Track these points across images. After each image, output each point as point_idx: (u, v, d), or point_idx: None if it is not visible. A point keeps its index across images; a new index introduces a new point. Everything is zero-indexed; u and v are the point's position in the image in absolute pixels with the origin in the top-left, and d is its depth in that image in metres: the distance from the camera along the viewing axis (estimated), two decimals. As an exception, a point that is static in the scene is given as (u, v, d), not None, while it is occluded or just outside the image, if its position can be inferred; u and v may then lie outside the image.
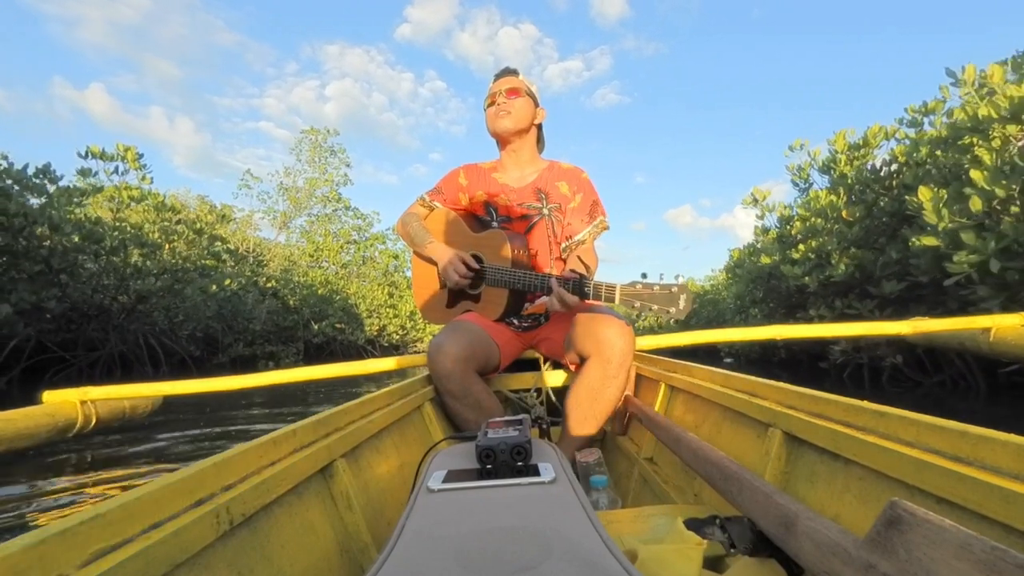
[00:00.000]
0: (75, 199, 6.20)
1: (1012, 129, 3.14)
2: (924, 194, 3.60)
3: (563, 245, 1.53)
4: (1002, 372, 3.58)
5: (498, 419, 0.74)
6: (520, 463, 0.59)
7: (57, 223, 5.69)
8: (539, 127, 1.60)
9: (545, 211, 1.52)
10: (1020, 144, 3.18)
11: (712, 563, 0.68)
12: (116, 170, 7.62)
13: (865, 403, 0.64)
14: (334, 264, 17.39)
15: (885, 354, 4.43)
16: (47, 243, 5.71)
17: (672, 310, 1.10)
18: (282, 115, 43.19)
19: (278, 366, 10.22)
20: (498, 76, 1.56)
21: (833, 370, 5.15)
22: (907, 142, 4.60)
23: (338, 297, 13.57)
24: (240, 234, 13.16)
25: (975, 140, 3.58)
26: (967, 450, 0.49)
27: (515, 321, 1.53)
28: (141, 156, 7.77)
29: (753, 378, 0.92)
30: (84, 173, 7.16)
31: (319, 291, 12.76)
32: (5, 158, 5.73)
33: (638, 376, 1.50)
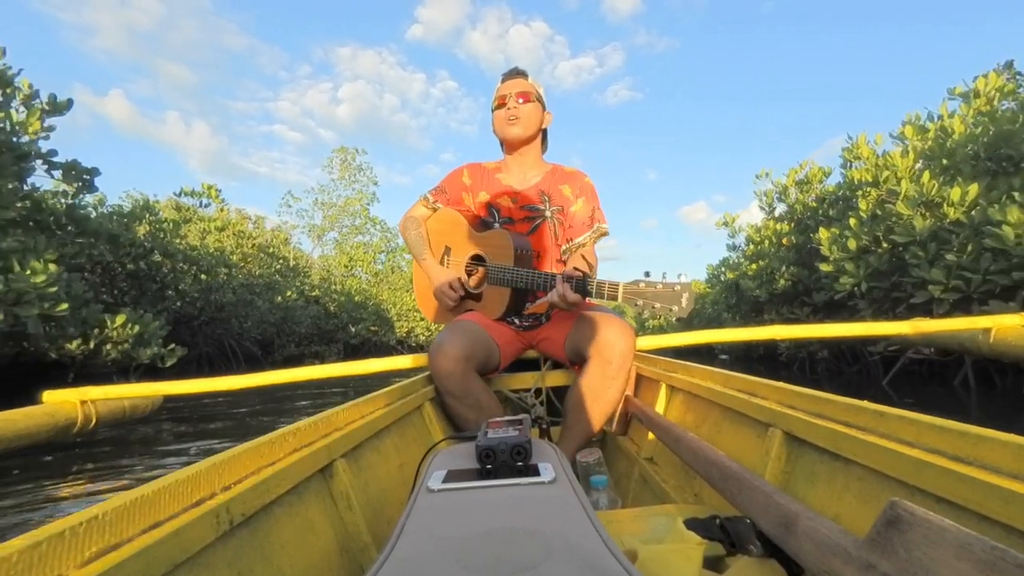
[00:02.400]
0: (179, 230, 7.91)
1: (881, 191, 4.51)
2: (823, 233, 4.99)
3: (563, 248, 1.53)
4: (900, 359, 4.82)
5: (498, 419, 0.74)
6: (520, 463, 0.59)
7: (172, 251, 7.36)
8: (544, 131, 1.59)
9: (548, 213, 1.52)
10: (883, 199, 4.41)
11: (712, 563, 0.68)
12: (201, 204, 10.08)
13: (865, 403, 0.64)
14: (367, 273, 18.80)
15: (817, 349, 5.82)
16: (163, 267, 7.41)
17: (675, 308, 1.10)
18: (296, 118, 43.44)
19: (323, 363, 11.24)
20: (507, 77, 1.53)
21: (788, 362, 6.58)
22: (839, 181, 6.05)
23: (371, 303, 15.20)
24: (279, 241, 14.27)
25: (862, 193, 4.88)
26: (967, 450, 0.49)
27: (516, 320, 1.53)
28: (220, 192, 10.44)
29: (753, 378, 0.92)
30: (180, 208, 9.34)
31: (355, 298, 14.38)
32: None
33: (638, 376, 1.50)
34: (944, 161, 4.20)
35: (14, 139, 3.72)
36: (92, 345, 4.80)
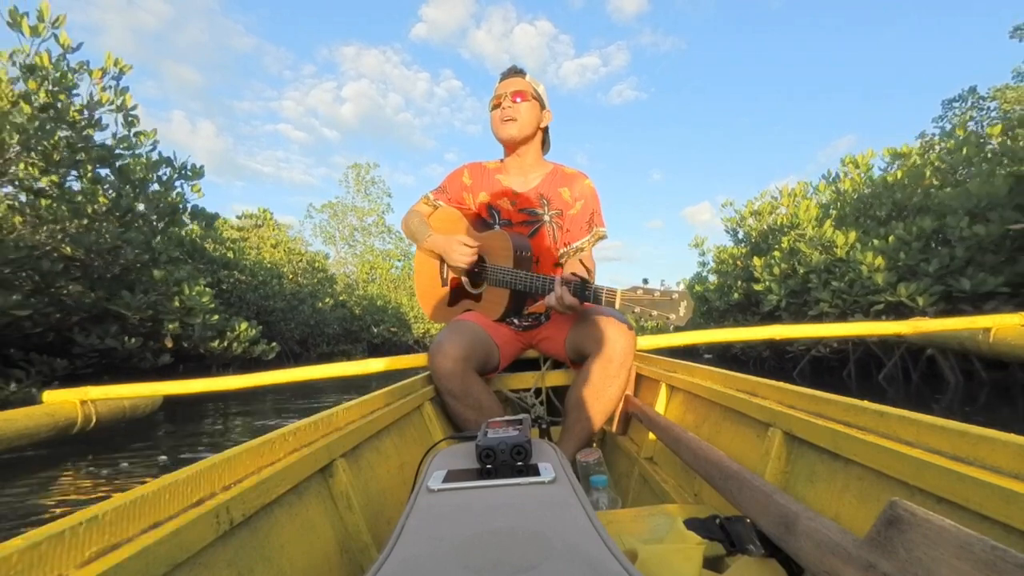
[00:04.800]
0: (243, 247, 9.70)
1: (796, 232, 6.25)
2: (756, 261, 6.73)
3: (561, 251, 1.52)
4: (818, 356, 6.20)
5: (498, 419, 0.74)
6: (520, 463, 0.59)
7: (244, 266, 9.09)
8: (545, 129, 1.57)
9: (547, 217, 1.51)
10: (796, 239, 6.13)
11: (712, 563, 0.68)
12: (256, 224, 12.60)
13: (865, 403, 0.64)
14: (385, 280, 20.47)
15: (763, 349, 7.41)
16: (230, 279, 8.89)
17: (672, 316, 1.10)
18: (300, 117, 43.21)
19: (350, 359, 13.46)
20: (504, 76, 1.52)
21: (745, 360, 8.09)
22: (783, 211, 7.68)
23: (391, 306, 16.96)
24: (320, 256, 15.90)
25: (784, 232, 6.70)
26: (967, 450, 0.49)
27: (515, 320, 1.53)
28: (273, 215, 12.99)
29: (753, 378, 0.92)
30: (240, 229, 11.25)
31: (377, 302, 16.16)
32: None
33: (638, 376, 1.50)
34: (837, 211, 6.22)
35: (182, 203, 5.61)
36: (226, 344, 6.59)
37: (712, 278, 8.97)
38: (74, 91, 4.32)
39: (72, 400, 1.55)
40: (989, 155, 4.88)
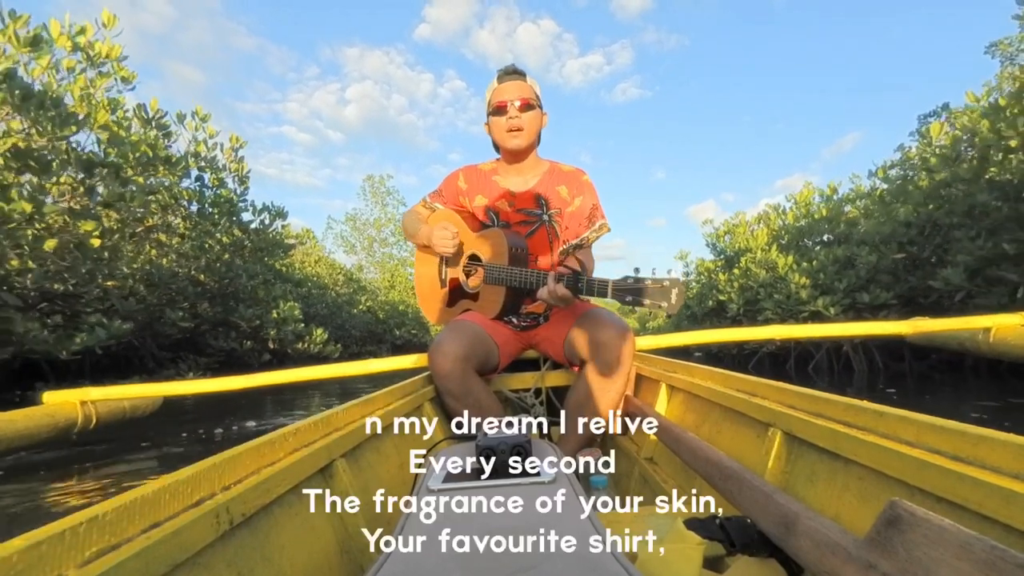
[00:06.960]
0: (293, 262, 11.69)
1: (752, 254, 7.65)
2: (720, 276, 8.28)
3: (562, 249, 1.52)
4: (769, 352, 7.75)
5: (498, 419, 0.74)
6: (520, 463, 0.59)
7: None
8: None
9: (545, 217, 1.50)
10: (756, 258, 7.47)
11: (712, 563, 0.68)
12: (301, 241, 14.07)
13: (865, 403, 0.64)
14: (405, 286, 22.06)
15: (732, 347, 8.66)
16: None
17: (664, 304, 1.09)
18: (304, 119, 43.57)
19: (377, 357, 13.51)
20: (505, 77, 1.45)
21: (721, 356, 9.40)
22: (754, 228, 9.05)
23: (411, 311, 18.79)
24: (355, 269, 18.30)
25: (741, 253, 8.23)
26: (967, 450, 0.49)
27: (514, 320, 1.53)
28: (313, 233, 15.45)
29: (753, 378, 0.92)
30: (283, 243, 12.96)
31: (399, 307, 18.34)
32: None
33: (638, 376, 1.50)
34: (788, 236, 7.74)
35: (279, 239, 7.68)
36: (305, 345, 8.24)
37: (696, 287, 10.40)
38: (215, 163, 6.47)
39: (72, 401, 1.55)
40: (893, 192, 6.25)
